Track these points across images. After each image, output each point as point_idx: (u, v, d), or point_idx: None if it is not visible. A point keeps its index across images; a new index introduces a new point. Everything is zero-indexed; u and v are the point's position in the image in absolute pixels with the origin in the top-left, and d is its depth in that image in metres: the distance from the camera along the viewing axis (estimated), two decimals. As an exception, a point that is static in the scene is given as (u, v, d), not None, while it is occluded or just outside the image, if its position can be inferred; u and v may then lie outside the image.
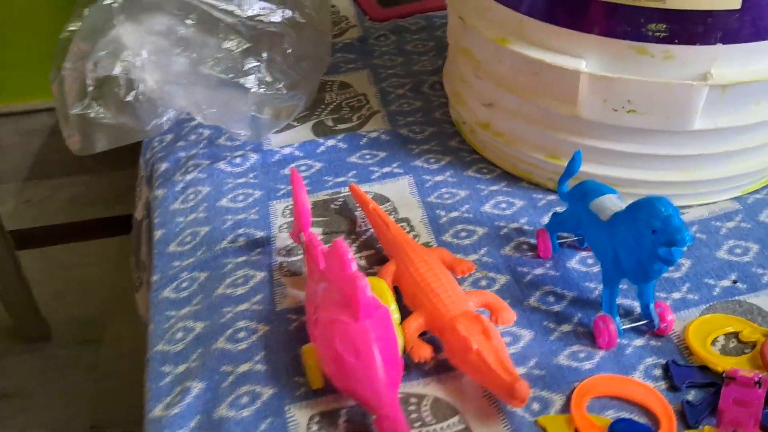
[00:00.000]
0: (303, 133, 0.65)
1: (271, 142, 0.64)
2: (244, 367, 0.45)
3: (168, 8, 0.52)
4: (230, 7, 0.54)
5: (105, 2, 0.52)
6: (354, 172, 0.61)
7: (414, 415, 0.42)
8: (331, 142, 0.64)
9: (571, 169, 0.51)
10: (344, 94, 0.72)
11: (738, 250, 0.53)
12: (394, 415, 0.38)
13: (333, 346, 0.40)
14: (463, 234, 0.55)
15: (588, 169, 0.56)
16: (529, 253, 0.53)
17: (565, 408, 0.42)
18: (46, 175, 1.55)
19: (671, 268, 0.51)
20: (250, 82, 0.54)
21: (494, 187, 0.60)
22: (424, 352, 0.44)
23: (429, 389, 0.44)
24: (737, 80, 0.51)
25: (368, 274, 0.49)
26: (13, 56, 1.44)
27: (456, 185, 0.60)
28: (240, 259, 0.53)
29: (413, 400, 0.43)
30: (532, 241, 0.54)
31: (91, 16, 0.52)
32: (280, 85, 0.56)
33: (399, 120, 0.68)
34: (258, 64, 0.55)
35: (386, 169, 0.61)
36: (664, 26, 0.49)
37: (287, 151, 0.63)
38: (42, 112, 1.51)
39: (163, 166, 0.63)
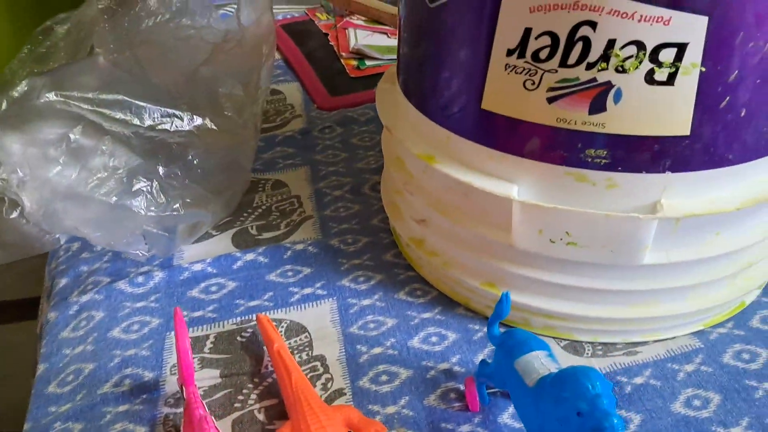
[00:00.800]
0: (221, 244, 0.59)
1: (183, 255, 0.58)
2: None
3: (53, 118, 0.47)
4: (126, 117, 0.48)
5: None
6: (271, 293, 0.55)
7: None
8: (250, 257, 0.58)
9: (499, 311, 0.44)
10: (277, 195, 0.66)
11: (696, 402, 0.46)
12: None
13: None
14: (384, 378, 0.48)
15: (528, 301, 0.50)
16: (456, 405, 0.46)
17: None
18: None
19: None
20: (138, 203, 0.48)
21: (426, 315, 0.53)
22: None
23: None
24: (692, 212, 0.45)
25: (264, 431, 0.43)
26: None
27: (384, 311, 0.53)
28: (121, 408, 0.46)
29: None
30: (462, 387, 0.47)
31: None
32: (177, 205, 0.50)
33: (332, 227, 0.62)
34: (149, 183, 0.49)
35: (308, 290, 0.55)
36: (605, 152, 0.44)
37: (198, 267, 0.56)
38: None
39: (63, 282, 0.57)
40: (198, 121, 0.51)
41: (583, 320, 0.50)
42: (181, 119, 0.51)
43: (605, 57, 0.41)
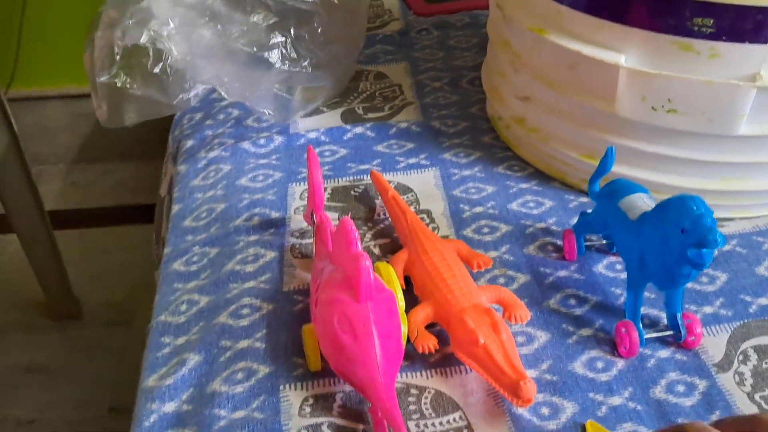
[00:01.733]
0: (331, 119, 0.64)
1: (299, 126, 0.63)
2: (243, 344, 0.44)
3: (198, -21, 0.52)
4: (261, -20, 0.53)
5: (137, -29, 0.52)
6: (379, 160, 0.59)
7: (413, 407, 0.40)
8: (358, 130, 0.63)
9: (603, 167, 0.48)
10: (379, 83, 0.70)
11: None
12: (390, 404, 0.36)
13: (331, 325, 0.38)
14: (486, 230, 0.52)
15: (624, 170, 0.53)
16: (554, 255, 0.50)
17: (578, 418, 0.39)
18: (93, 159, 1.58)
19: (705, 280, 0.48)
20: (274, 56, 0.53)
21: (524, 185, 0.57)
22: (429, 343, 0.41)
23: (432, 382, 0.41)
24: (790, 83, 0.47)
25: (382, 261, 0.48)
26: (69, 39, 1.47)
27: (484, 180, 0.58)
28: (252, 238, 0.51)
29: (414, 391, 0.41)
30: (559, 242, 0.51)
31: (122, -18, 0.52)
32: (305, 63, 0.55)
33: (432, 113, 0.66)
34: (283, 39, 0.53)
35: (413, 160, 0.60)
36: (711, 21, 0.46)
37: (313, 135, 0.62)
38: (94, 97, 1.55)
39: (189, 143, 0.63)
40: (322, -8, 0.56)
41: (676, 191, 0.52)
42: (310, -13, 0.55)
43: None
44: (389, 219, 0.53)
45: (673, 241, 0.39)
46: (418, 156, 0.60)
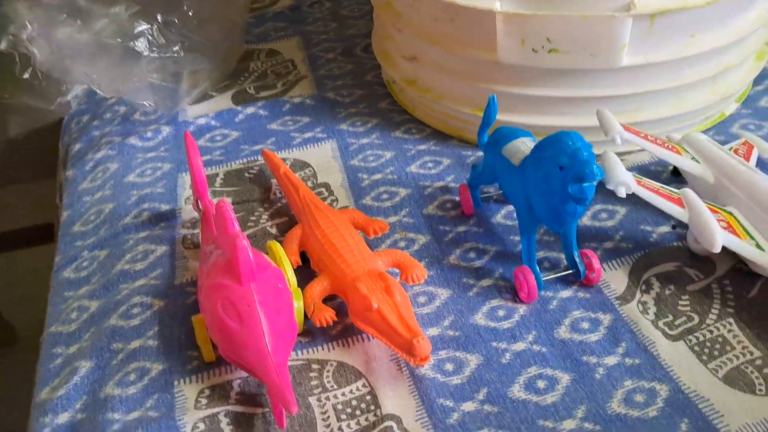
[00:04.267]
0: (222, 102, 0.62)
1: (188, 113, 0.61)
2: (135, 344, 0.42)
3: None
4: (122, -33, 0.50)
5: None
6: (273, 139, 0.58)
7: (315, 382, 0.39)
8: (250, 110, 0.61)
9: (488, 117, 0.47)
10: (271, 61, 0.68)
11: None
12: (279, 382, 0.35)
13: (216, 311, 0.37)
14: (385, 196, 0.51)
15: (515, 119, 0.53)
16: (453, 212, 0.49)
17: (482, 369, 0.39)
18: (10, 180, 1.52)
19: (604, 216, 0.48)
20: (141, 45, 0.51)
21: (422, 147, 0.56)
22: (325, 316, 0.40)
23: (333, 354, 0.40)
24: (664, 8, 0.47)
25: (277, 241, 0.46)
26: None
27: (382, 147, 0.56)
28: (142, 234, 0.49)
29: (315, 366, 0.40)
30: (457, 198, 0.50)
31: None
32: (176, 48, 0.53)
33: (327, 84, 0.64)
34: (149, 26, 0.51)
35: (308, 135, 0.58)
36: (579, -47, 0.46)
37: (202, 121, 0.59)
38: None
39: (77, 146, 0.60)
40: (189, -26, 0.53)
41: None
42: (174, -28, 0.53)
43: None
44: (284, 199, 0.51)
45: (554, 179, 0.38)
46: (314, 130, 0.58)
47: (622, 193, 0.41)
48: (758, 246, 0.40)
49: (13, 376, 1.14)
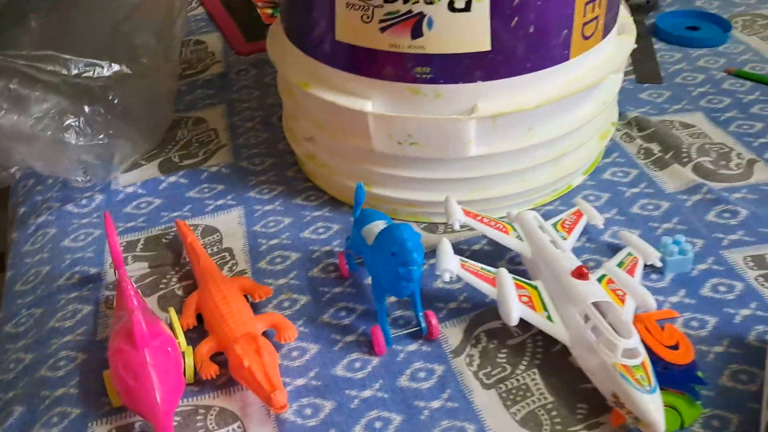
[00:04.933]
0: (149, 171, 0.72)
1: (119, 181, 0.70)
2: (59, 392, 0.51)
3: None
4: (55, 68, 0.60)
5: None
6: (189, 206, 0.67)
7: (200, 424, 0.49)
8: (172, 179, 0.70)
9: (357, 199, 0.57)
10: (196, 129, 0.78)
11: (517, 260, 0.60)
12: (165, 429, 0.45)
13: (118, 370, 0.46)
14: (278, 260, 0.61)
15: (389, 193, 0.63)
16: (333, 274, 0.60)
17: (334, 413, 0.49)
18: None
19: (451, 279, 0.58)
20: (70, 136, 0.60)
21: (317, 213, 0.66)
22: (210, 371, 0.50)
23: (217, 401, 0.50)
24: (501, 111, 0.57)
25: (182, 302, 0.56)
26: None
27: (282, 213, 0.66)
28: (72, 295, 0.59)
29: (201, 410, 0.50)
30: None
31: None
32: (101, 136, 0.62)
33: (243, 153, 0.74)
34: (76, 118, 0.61)
35: (220, 202, 0.68)
36: (429, 69, 0.56)
37: (131, 189, 0.69)
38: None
39: (22, 210, 0.69)
40: (116, 68, 0.63)
41: (432, 205, 0.62)
42: (102, 67, 0.63)
43: (413, -7, 0.53)
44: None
45: (389, 262, 0.48)
46: (225, 197, 0.68)
47: (446, 277, 0.51)
48: (549, 318, 0.50)
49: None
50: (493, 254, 0.60)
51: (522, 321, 0.50)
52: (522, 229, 0.58)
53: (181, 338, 0.50)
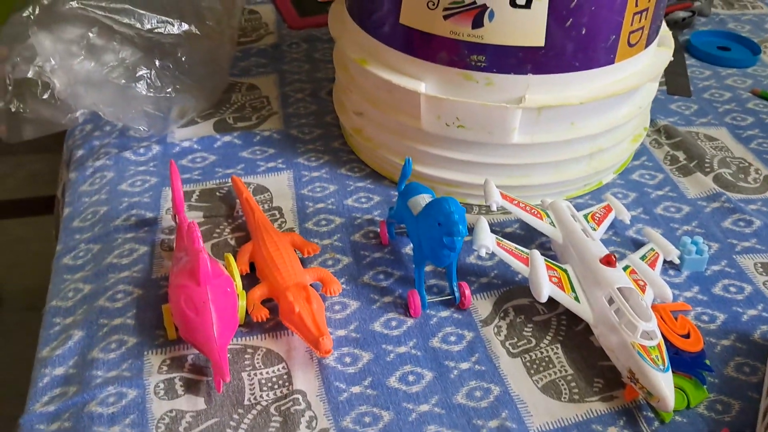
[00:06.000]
0: (204, 128, 0.76)
1: (175, 135, 0.74)
2: (117, 321, 0.55)
3: (75, 21, 0.62)
4: (131, 21, 0.64)
5: (24, 14, 0.62)
6: (243, 165, 0.71)
7: (248, 362, 0.53)
8: (227, 138, 0.74)
9: (404, 172, 0.61)
10: (250, 95, 0.82)
11: (547, 245, 0.64)
12: (220, 358, 0.49)
13: (179, 304, 0.51)
14: (323, 222, 0.65)
15: (432, 172, 0.67)
16: (374, 240, 0.64)
17: (371, 364, 0.53)
18: (6, 152, 1.64)
19: (485, 256, 0.62)
20: (141, 87, 0.64)
21: (360, 184, 0.70)
22: (261, 313, 0.54)
23: (264, 343, 0.54)
24: (547, 104, 0.61)
25: (234, 252, 0.60)
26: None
27: (328, 180, 0.70)
28: (129, 235, 0.63)
29: (249, 350, 0.54)
30: (379, 230, 0.65)
31: (11, 23, 0.62)
32: (169, 90, 0.66)
33: (293, 121, 0.78)
34: (149, 71, 0.65)
35: (271, 164, 0.72)
36: (484, 58, 0.60)
37: (187, 144, 0.73)
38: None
39: (79, 152, 0.73)
40: (185, 27, 0.67)
41: (472, 187, 0.67)
42: (173, 25, 0.66)
43: (480, -15, 0.57)
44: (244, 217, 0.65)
45: (435, 231, 0.52)
46: (276, 160, 0.72)
47: (483, 252, 0.55)
48: (576, 299, 0.54)
49: (-1, 333, 1.27)
50: (525, 238, 0.65)
51: (549, 300, 0.54)
52: (555, 216, 0.62)
53: (238, 281, 0.55)
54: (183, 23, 0.67)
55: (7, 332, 1.27)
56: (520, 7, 0.57)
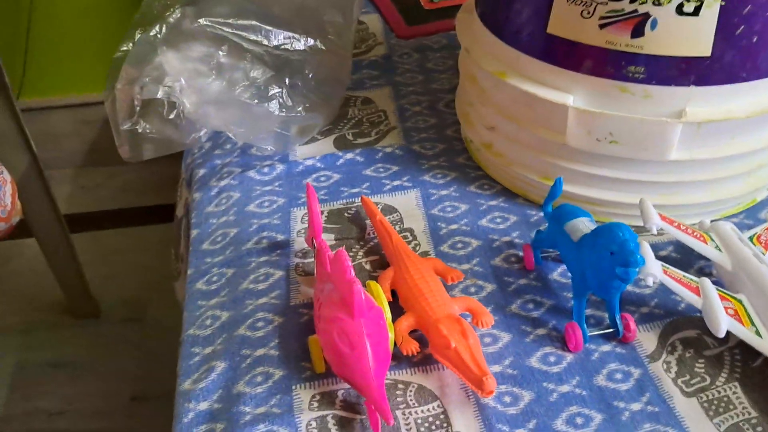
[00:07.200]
0: (325, 146, 0.73)
1: (297, 153, 0.72)
2: (260, 352, 0.53)
3: (203, 40, 0.60)
4: (258, 38, 0.62)
5: (150, 33, 0.60)
6: (368, 183, 0.68)
7: (400, 399, 0.50)
8: (349, 156, 0.72)
9: (553, 193, 0.57)
10: (366, 109, 0.79)
11: (707, 270, 0.59)
12: (380, 399, 0.46)
13: (332, 338, 0.48)
14: (459, 245, 0.62)
15: (576, 190, 0.63)
16: (516, 265, 0.60)
17: (533, 404, 0.49)
18: (100, 162, 1.67)
19: (643, 284, 0.57)
20: (273, 106, 0.62)
21: (493, 203, 0.66)
22: (411, 347, 0.51)
23: (415, 378, 0.51)
24: (709, 118, 0.56)
25: (371, 277, 0.57)
26: (73, 51, 1.55)
27: (458, 199, 0.67)
28: (262, 259, 0.61)
29: (401, 386, 0.50)
30: (520, 253, 0.61)
31: (139, 43, 0.61)
32: (300, 108, 0.64)
33: (413, 136, 0.75)
34: (280, 90, 0.62)
35: (397, 182, 0.69)
36: (643, 69, 0.55)
37: (310, 162, 0.71)
38: (98, 104, 1.62)
39: (201, 171, 0.72)
40: (311, 42, 0.65)
41: (620, 206, 0.62)
42: (299, 41, 0.64)
43: (646, -9, 0.52)
44: (377, 239, 0.62)
45: (605, 261, 0.48)
46: (401, 178, 0.69)
47: (650, 282, 0.51)
48: (757, 333, 0.49)
49: (97, 345, 1.28)
50: (681, 262, 0.60)
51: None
52: (720, 240, 0.56)
53: (388, 313, 0.51)
54: (309, 38, 0.64)
55: (107, 344, 1.28)
56: (687, 14, 0.52)
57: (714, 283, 0.54)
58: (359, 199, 0.66)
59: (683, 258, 0.60)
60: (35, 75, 1.55)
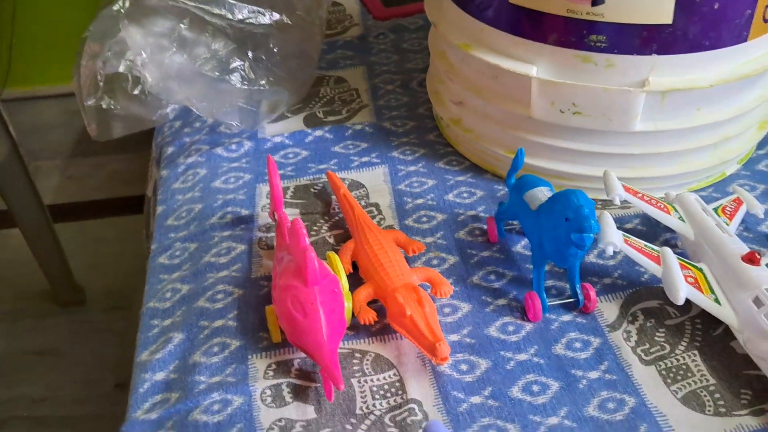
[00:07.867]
0: (294, 123, 0.73)
1: (266, 131, 0.72)
2: (218, 323, 0.53)
3: (166, 14, 0.60)
4: (221, 12, 0.61)
5: (114, 8, 0.60)
6: (336, 160, 0.68)
7: (356, 367, 0.49)
8: (318, 133, 0.71)
9: (516, 164, 0.57)
10: (338, 88, 0.79)
11: (672, 242, 0.58)
12: (332, 365, 0.46)
13: (286, 306, 0.47)
14: (424, 219, 0.61)
15: (543, 164, 0.62)
16: (480, 238, 0.59)
17: (490, 372, 0.49)
18: (87, 153, 1.66)
19: (608, 255, 0.57)
20: (235, 79, 0.62)
21: (460, 178, 0.66)
22: (369, 316, 0.51)
23: (372, 347, 0.51)
24: (673, 87, 0.56)
25: (333, 250, 0.57)
26: (60, 41, 1.55)
27: (426, 175, 0.66)
28: (226, 233, 0.60)
29: (357, 355, 0.50)
30: (485, 227, 0.60)
31: (101, 19, 0.61)
32: (263, 82, 0.63)
33: (384, 114, 0.74)
34: (242, 63, 0.62)
35: (365, 159, 0.68)
36: (605, 37, 0.55)
37: (278, 139, 0.70)
38: (85, 95, 1.62)
39: (170, 149, 0.71)
40: (276, 16, 0.64)
41: (587, 179, 0.62)
42: (264, 15, 0.64)
43: (604, -43, 0.52)
44: (341, 213, 0.62)
45: (561, 227, 0.48)
46: (370, 155, 0.69)
47: (610, 251, 0.50)
48: (716, 300, 0.49)
49: (81, 333, 1.28)
50: (647, 234, 0.59)
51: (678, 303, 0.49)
52: (684, 211, 0.56)
53: (344, 282, 0.51)
54: (274, 13, 0.64)
55: (91, 331, 1.28)
56: (648, -21, 0.52)
57: (678, 254, 0.54)
58: (326, 175, 0.66)
59: (649, 231, 0.60)
60: (22, 64, 1.55)
